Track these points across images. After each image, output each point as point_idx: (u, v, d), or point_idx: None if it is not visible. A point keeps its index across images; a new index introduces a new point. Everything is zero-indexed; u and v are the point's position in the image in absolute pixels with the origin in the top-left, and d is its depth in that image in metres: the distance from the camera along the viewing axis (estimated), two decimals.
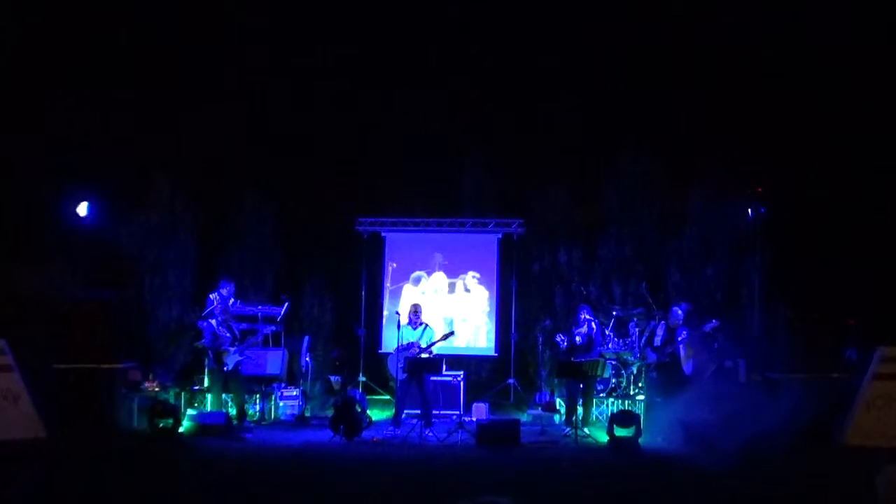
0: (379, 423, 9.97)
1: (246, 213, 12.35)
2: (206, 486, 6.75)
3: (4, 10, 10.58)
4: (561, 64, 11.90)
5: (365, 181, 12.28)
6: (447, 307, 12.12)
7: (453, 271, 12.23)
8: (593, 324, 9.74)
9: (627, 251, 11.85)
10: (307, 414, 10.44)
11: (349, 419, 8.86)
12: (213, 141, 11.57)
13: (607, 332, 10.47)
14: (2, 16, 10.49)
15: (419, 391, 9.40)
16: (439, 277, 12.20)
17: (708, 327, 9.20)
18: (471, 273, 12.19)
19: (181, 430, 9.05)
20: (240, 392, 9.70)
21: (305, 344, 10.98)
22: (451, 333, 9.98)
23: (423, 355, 9.53)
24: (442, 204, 12.44)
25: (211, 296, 10.09)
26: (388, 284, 12.06)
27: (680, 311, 9.37)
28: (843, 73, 10.83)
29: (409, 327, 9.90)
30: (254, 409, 10.22)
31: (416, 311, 10.04)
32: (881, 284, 9.84)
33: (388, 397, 11.40)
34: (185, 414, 9.63)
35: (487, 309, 12.15)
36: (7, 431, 8.27)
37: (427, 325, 10.00)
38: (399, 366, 9.46)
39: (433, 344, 9.69)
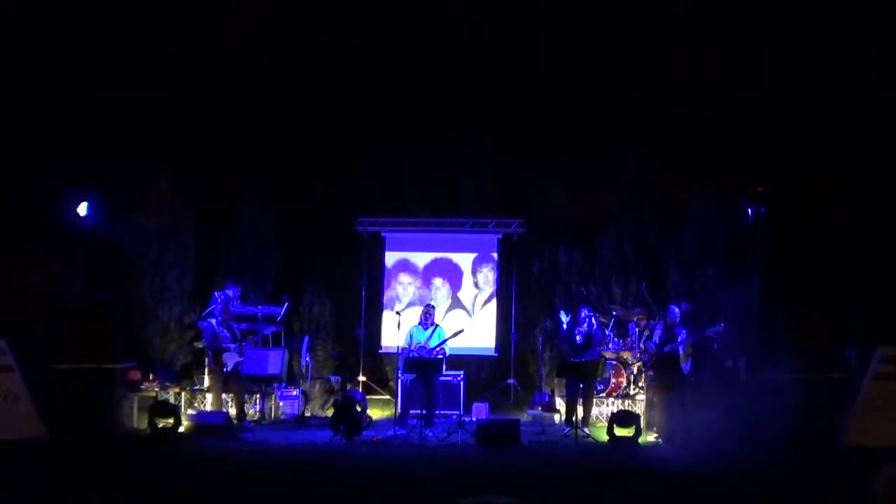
0: (379, 423, 9.97)
1: (246, 213, 12.35)
2: (206, 486, 6.75)
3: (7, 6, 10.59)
4: (560, 63, 11.89)
5: (365, 181, 12.28)
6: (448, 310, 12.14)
7: (453, 271, 12.26)
8: (593, 320, 9.72)
9: (627, 251, 11.85)
10: (307, 414, 10.45)
11: (349, 419, 8.86)
12: (213, 141, 11.57)
13: (607, 332, 10.47)
14: (3, 13, 10.50)
15: (426, 391, 9.41)
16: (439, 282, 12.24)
17: (712, 331, 9.18)
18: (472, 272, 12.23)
19: (181, 430, 9.05)
20: (240, 392, 9.70)
21: (305, 344, 10.99)
22: (462, 331, 10.00)
23: (437, 356, 9.56)
24: (442, 204, 12.44)
25: (216, 293, 10.11)
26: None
27: (678, 310, 9.36)
28: (844, 73, 10.83)
29: (420, 327, 9.93)
30: (254, 409, 10.23)
31: (428, 311, 10.09)
32: (881, 284, 9.83)
33: (388, 397, 11.40)
34: (185, 414, 9.64)
35: (487, 309, 12.15)
36: (7, 431, 8.27)
37: (438, 325, 10.04)
38: (401, 365, 9.50)
39: (444, 342, 9.70)
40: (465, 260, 12.26)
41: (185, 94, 11.57)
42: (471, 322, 11.87)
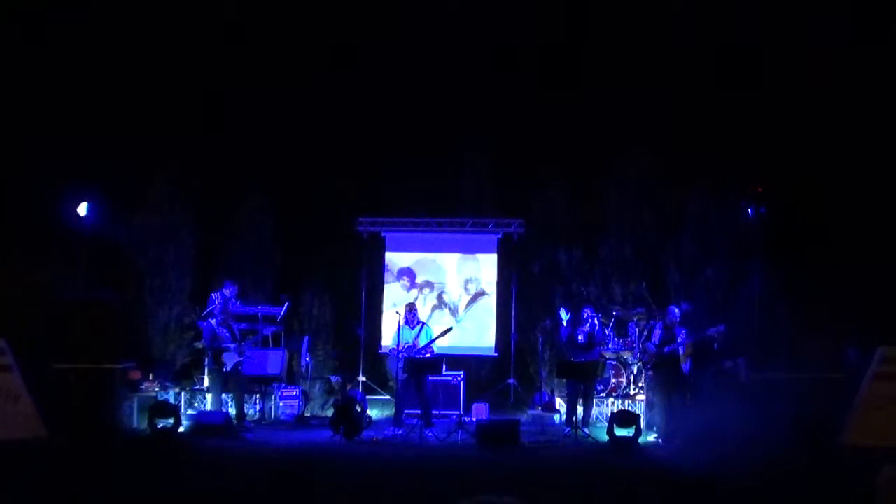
0: (379, 423, 9.97)
1: (246, 213, 12.36)
2: (206, 486, 6.75)
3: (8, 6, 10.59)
4: (560, 63, 11.90)
5: (365, 181, 12.28)
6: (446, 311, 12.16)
7: (453, 272, 12.29)
8: (595, 320, 9.73)
9: (627, 251, 11.85)
10: (307, 414, 10.45)
11: (349, 419, 8.86)
12: (213, 141, 11.57)
13: (607, 332, 10.47)
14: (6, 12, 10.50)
15: (418, 391, 9.40)
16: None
17: (714, 331, 9.16)
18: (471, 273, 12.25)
19: (181, 430, 9.05)
20: (240, 392, 9.70)
21: (305, 344, 10.99)
22: (450, 329, 9.97)
23: (427, 355, 9.53)
24: (442, 204, 12.44)
25: (213, 294, 10.12)
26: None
27: (677, 311, 9.36)
28: (844, 73, 10.82)
29: (407, 327, 9.90)
30: (254, 409, 10.23)
31: (411, 309, 10.05)
32: (881, 284, 9.83)
33: (388, 397, 11.40)
34: (185, 414, 9.64)
35: (488, 309, 12.16)
36: (7, 431, 8.27)
37: (425, 323, 10.01)
38: (399, 366, 9.47)
39: (433, 341, 9.68)
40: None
41: (186, 93, 11.57)
42: (456, 322, 11.83)
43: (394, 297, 12.10)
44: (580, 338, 9.68)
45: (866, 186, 10.45)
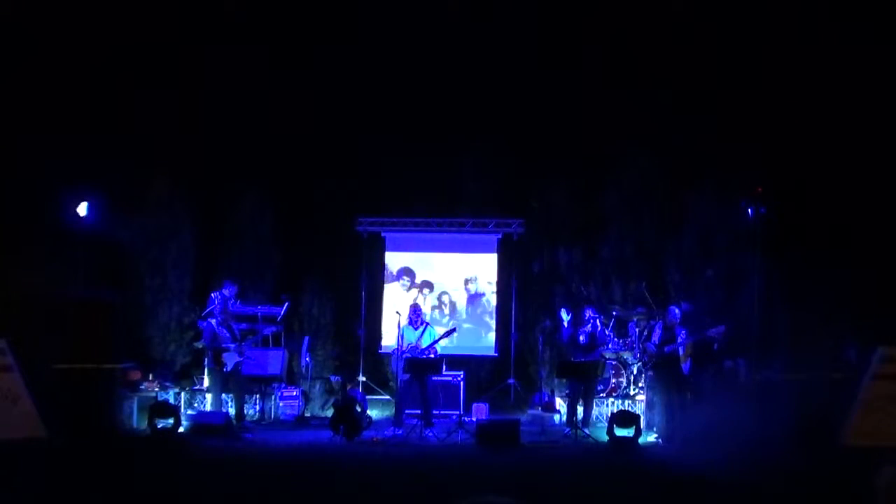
0: (379, 423, 9.97)
1: (246, 213, 12.36)
2: (206, 486, 6.75)
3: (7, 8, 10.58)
4: (560, 64, 11.89)
5: (365, 181, 12.29)
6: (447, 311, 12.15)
7: (453, 272, 12.29)
8: (598, 321, 9.74)
9: (627, 251, 11.85)
10: (307, 414, 10.45)
11: (349, 419, 8.87)
12: (212, 141, 11.56)
13: (608, 332, 10.47)
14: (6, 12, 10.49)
15: (420, 391, 9.40)
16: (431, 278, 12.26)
17: (714, 332, 9.16)
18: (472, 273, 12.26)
19: (181, 430, 9.05)
20: (240, 392, 9.70)
21: (305, 344, 10.99)
22: (454, 330, 9.98)
23: (430, 355, 9.54)
24: (442, 204, 12.45)
25: (213, 294, 10.12)
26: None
27: (678, 311, 9.36)
28: (844, 73, 10.82)
29: (410, 327, 9.90)
30: (254, 409, 10.23)
31: (416, 310, 10.05)
32: (881, 284, 9.82)
33: (388, 397, 11.41)
34: (185, 414, 9.63)
35: (488, 309, 12.17)
36: (7, 431, 8.25)
37: (428, 324, 10.02)
38: (399, 366, 9.48)
39: (436, 342, 9.69)
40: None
41: (185, 93, 11.57)
42: (458, 322, 11.84)
43: (394, 297, 12.11)
44: (582, 338, 9.69)
45: (867, 186, 10.45)
